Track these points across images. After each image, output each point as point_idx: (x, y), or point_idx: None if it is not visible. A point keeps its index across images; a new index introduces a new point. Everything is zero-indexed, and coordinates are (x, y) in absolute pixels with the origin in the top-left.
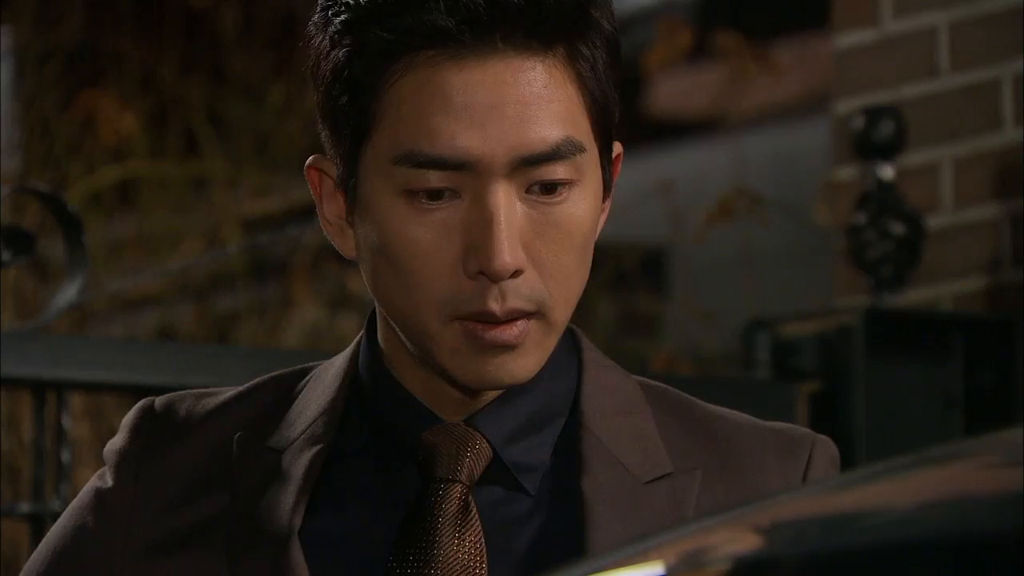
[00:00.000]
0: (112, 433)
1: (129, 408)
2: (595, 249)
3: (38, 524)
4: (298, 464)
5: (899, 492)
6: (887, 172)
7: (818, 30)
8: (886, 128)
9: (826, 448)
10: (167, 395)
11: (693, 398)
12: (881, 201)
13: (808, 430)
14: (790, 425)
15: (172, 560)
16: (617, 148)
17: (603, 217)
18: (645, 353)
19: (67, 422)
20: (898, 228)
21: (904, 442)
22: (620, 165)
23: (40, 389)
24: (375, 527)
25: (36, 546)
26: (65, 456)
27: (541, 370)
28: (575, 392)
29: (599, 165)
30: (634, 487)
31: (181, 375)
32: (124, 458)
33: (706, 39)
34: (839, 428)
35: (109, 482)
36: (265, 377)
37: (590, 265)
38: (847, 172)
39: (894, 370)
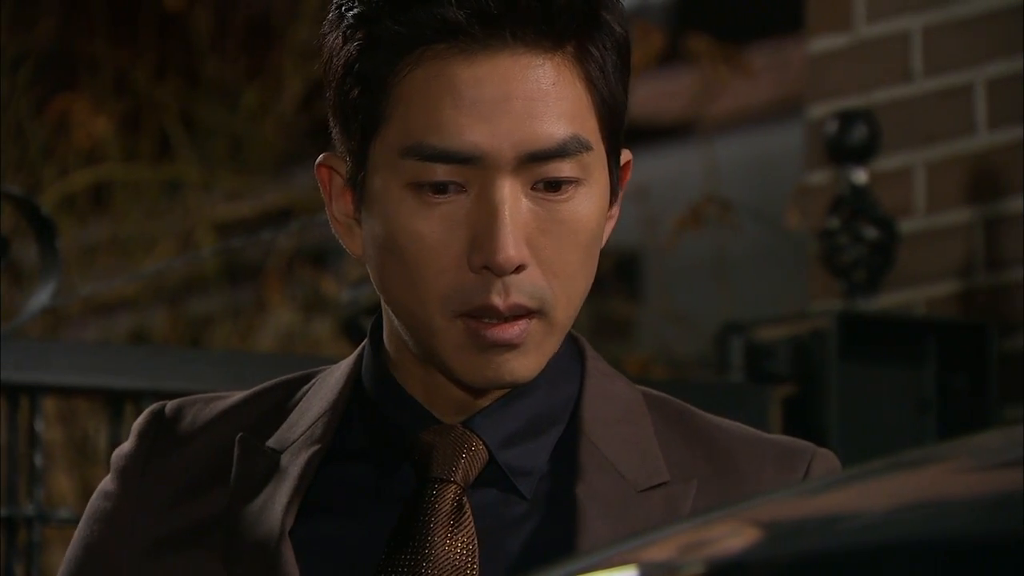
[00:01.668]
0: (85, 437)
1: (102, 412)
2: None
3: (12, 528)
4: (295, 465)
5: (872, 496)
6: (860, 176)
7: (792, 34)
8: (859, 132)
9: (825, 460)
10: (179, 399)
11: (694, 408)
12: (854, 205)
13: (809, 443)
14: (791, 438)
15: (173, 560)
16: (626, 155)
17: (611, 224)
18: (619, 357)
19: (40, 426)
20: (871, 232)
21: (877, 446)
22: (629, 173)
23: (13, 393)
24: (369, 527)
25: (11, 551)
26: (38, 460)
27: (541, 375)
28: (576, 399)
29: (606, 167)
30: (629, 495)
31: (155, 379)
32: (129, 461)
33: (679, 43)
34: (812, 432)
35: (113, 487)
36: (274, 380)
37: (595, 267)
38: (820, 176)
39: (867, 374)
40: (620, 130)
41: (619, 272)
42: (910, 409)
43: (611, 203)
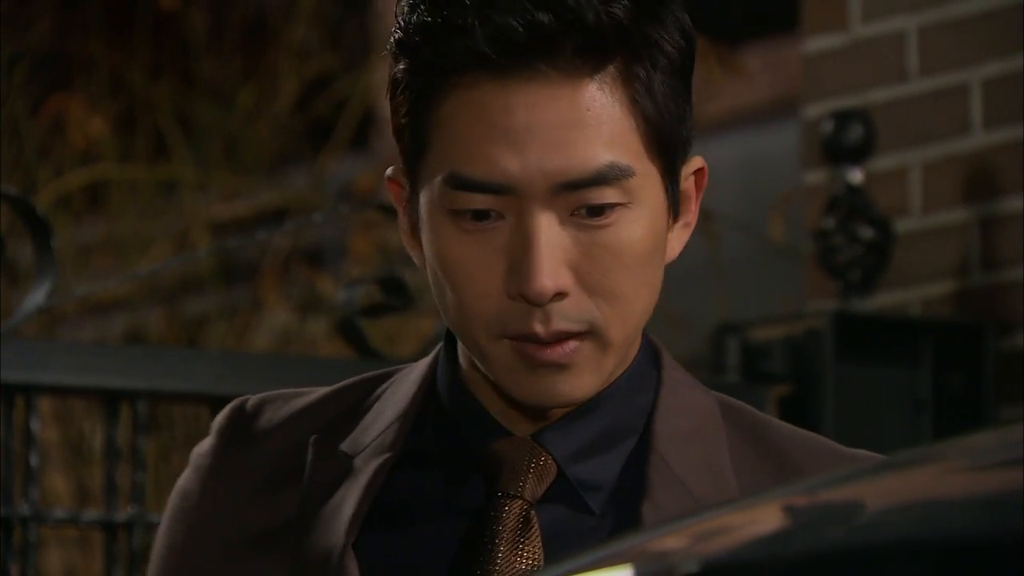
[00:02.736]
0: (81, 437)
1: (98, 412)
2: None
3: (7, 528)
4: (364, 472)
5: (867, 496)
6: (856, 176)
7: (787, 35)
8: (855, 132)
9: None
10: (261, 395)
11: (770, 418)
12: (850, 205)
13: (882, 456)
14: (865, 451)
15: (246, 563)
16: (698, 162)
17: (686, 233)
18: None
19: (36, 426)
20: (867, 232)
21: (873, 446)
22: (706, 178)
23: (9, 393)
24: (437, 539)
25: (6, 551)
26: (34, 460)
27: (615, 388)
28: (650, 411)
29: (660, 186)
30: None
31: (151, 379)
32: (207, 459)
33: None
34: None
35: (192, 486)
36: (355, 378)
37: (657, 284)
38: (816, 176)
39: (863, 374)
40: (677, 146)
41: None
42: (906, 409)
43: (678, 214)
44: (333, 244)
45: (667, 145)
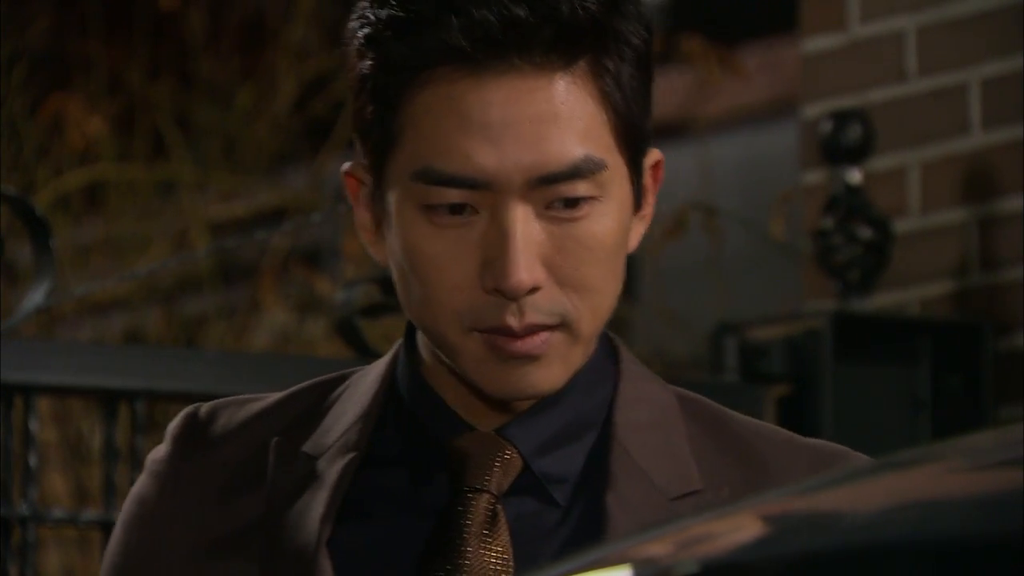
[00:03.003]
0: (79, 437)
1: (97, 412)
2: None
3: (6, 528)
4: (330, 472)
5: (866, 496)
6: (855, 176)
7: (786, 34)
8: (853, 132)
9: (860, 463)
10: (214, 401)
11: (731, 411)
12: (849, 205)
13: (844, 447)
14: (826, 442)
15: (212, 566)
16: (656, 156)
17: (642, 226)
18: None
19: (35, 426)
20: (866, 232)
21: (872, 446)
22: (662, 171)
23: (8, 393)
24: (405, 536)
25: (5, 551)
26: (32, 460)
27: (576, 381)
28: (610, 403)
29: (627, 179)
30: (660, 503)
31: (149, 379)
32: (163, 466)
33: (673, 44)
34: (806, 432)
35: (148, 491)
36: (309, 382)
37: (621, 276)
38: (815, 176)
39: (862, 374)
40: (641, 139)
41: None
42: (904, 409)
43: (640, 207)
44: (331, 244)
45: (634, 138)
